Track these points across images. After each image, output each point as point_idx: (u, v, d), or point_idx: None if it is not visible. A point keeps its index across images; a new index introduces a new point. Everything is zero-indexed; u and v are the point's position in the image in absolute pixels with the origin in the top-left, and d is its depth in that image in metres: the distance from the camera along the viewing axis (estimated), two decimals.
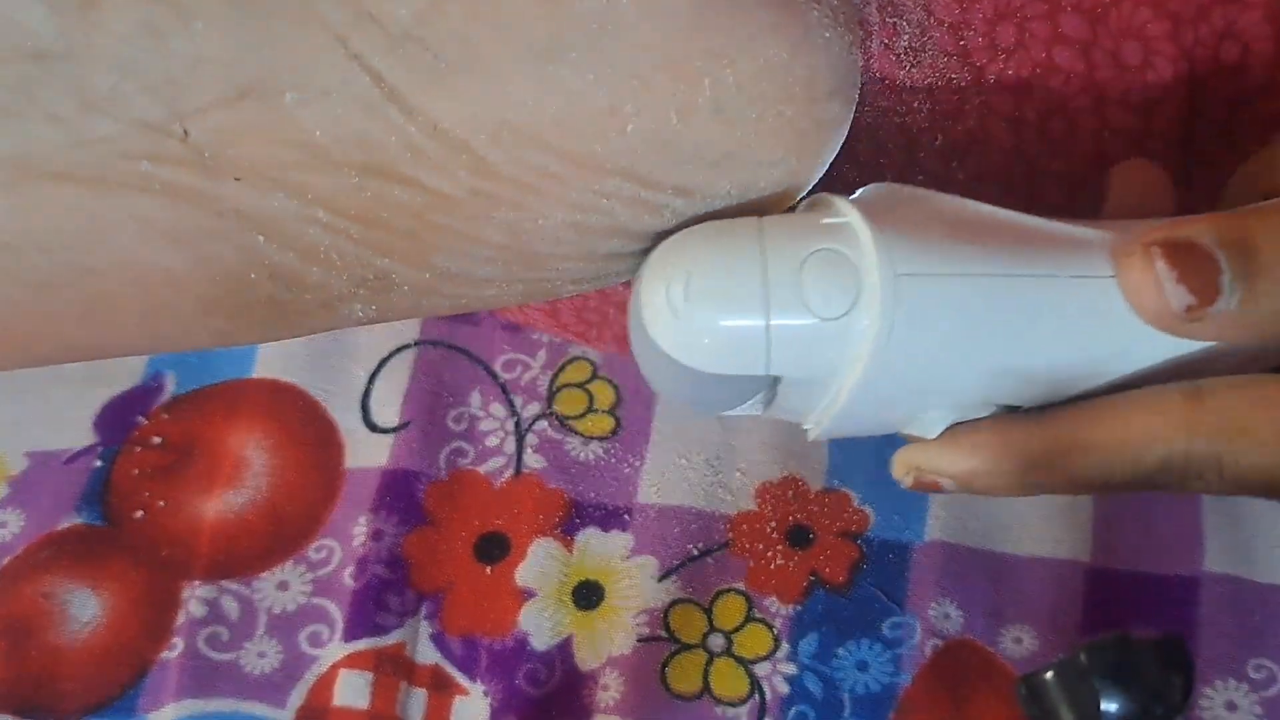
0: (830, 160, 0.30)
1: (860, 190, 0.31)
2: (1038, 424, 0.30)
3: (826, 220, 0.29)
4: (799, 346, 0.28)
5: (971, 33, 0.34)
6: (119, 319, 0.29)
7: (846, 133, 0.30)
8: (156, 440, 0.51)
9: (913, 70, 0.34)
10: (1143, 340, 0.29)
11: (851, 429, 0.32)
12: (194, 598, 0.47)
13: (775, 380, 0.30)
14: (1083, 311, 0.29)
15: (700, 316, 0.28)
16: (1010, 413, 0.31)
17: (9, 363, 0.31)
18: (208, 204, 0.28)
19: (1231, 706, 0.45)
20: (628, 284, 0.45)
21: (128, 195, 0.28)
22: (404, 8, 0.26)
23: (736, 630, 0.47)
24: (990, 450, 0.30)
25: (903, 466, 0.32)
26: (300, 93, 0.27)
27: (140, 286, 0.29)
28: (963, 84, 0.35)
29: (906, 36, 0.34)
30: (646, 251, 0.30)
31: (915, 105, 0.35)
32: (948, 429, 0.31)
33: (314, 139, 0.27)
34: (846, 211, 0.29)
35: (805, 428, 0.33)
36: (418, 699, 0.46)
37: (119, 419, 0.51)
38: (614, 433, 0.51)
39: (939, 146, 0.36)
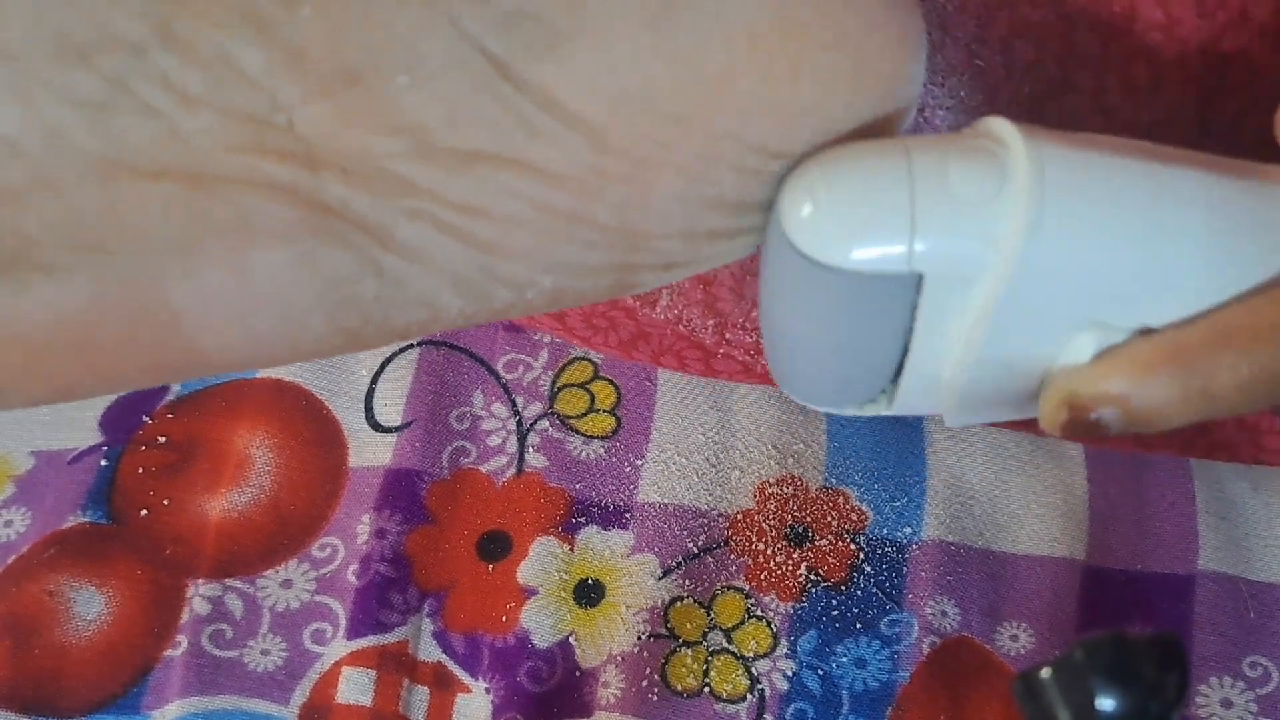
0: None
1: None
2: (1194, 326, 0.27)
3: (967, 131, 0.29)
4: (944, 229, 0.27)
5: (988, 50, 0.34)
6: (215, 325, 0.28)
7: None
8: (161, 439, 0.51)
9: (930, 87, 0.35)
10: None
11: (994, 375, 0.29)
12: (198, 596, 0.48)
13: (913, 314, 0.28)
14: (1240, 214, 0.27)
15: (842, 200, 0.27)
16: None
17: (90, 385, 0.29)
18: (310, 200, 0.27)
19: (1227, 704, 0.45)
20: None
21: (227, 191, 0.27)
22: None
23: (736, 628, 0.47)
24: (1150, 361, 0.27)
25: (1056, 399, 0.29)
26: (412, 75, 0.26)
27: (240, 288, 0.28)
28: (976, 101, 0.35)
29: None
30: (740, 231, 0.30)
31: (932, 123, 0.35)
32: (1099, 354, 0.28)
33: (423, 124, 0.27)
34: (985, 122, 0.28)
35: (946, 393, 0.30)
36: (420, 696, 0.46)
37: (124, 418, 0.52)
38: (615, 432, 0.51)
39: None
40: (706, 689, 0.46)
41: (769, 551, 0.48)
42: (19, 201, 0.26)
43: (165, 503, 0.50)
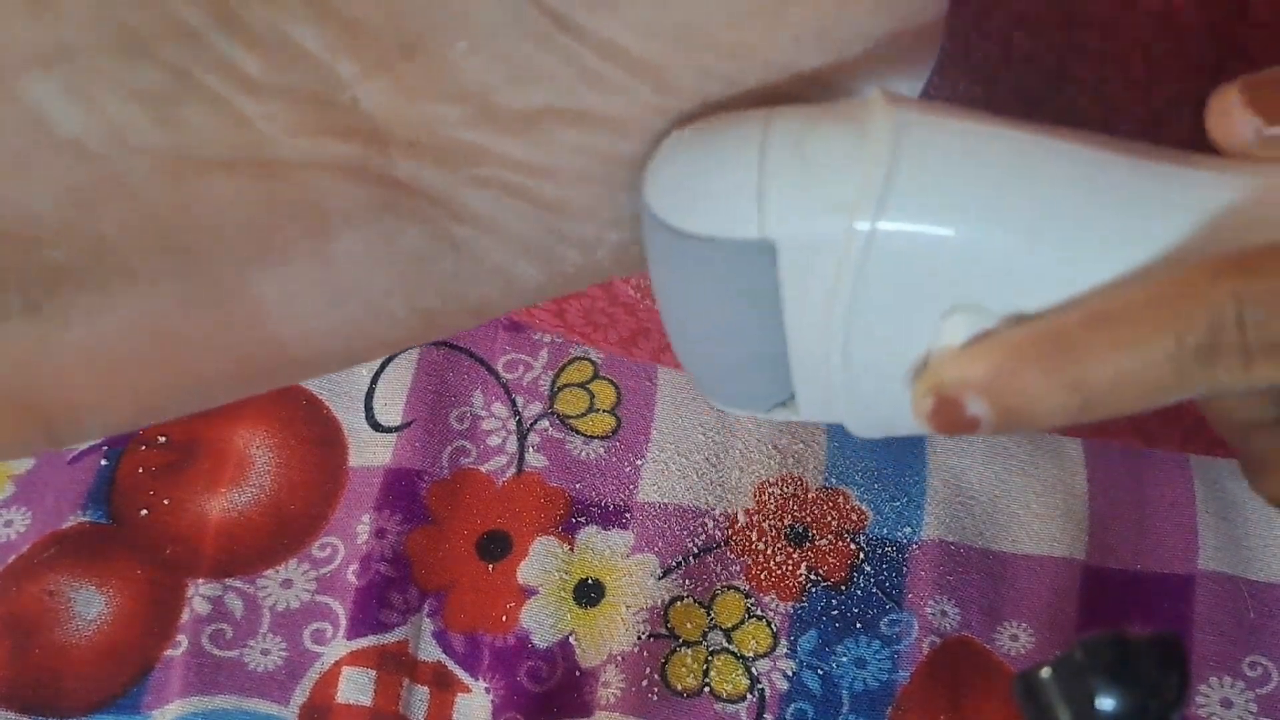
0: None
1: None
2: (1069, 311, 0.25)
3: (846, 101, 0.28)
4: (792, 191, 0.25)
5: (986, 41, 0.34)
6: (300, 319, 0.28)
7: None
8: (161, 439, 0.51)
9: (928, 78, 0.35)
10: (1182, 230, 0.25)
11: (872, 367, 0.28)
12: (198, 595, 0.48)
13: (779, 292, 0.27)
14: (1124, 192, 0.25)
15: (694, 162, 0.27)
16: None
17: (177, 399, 0.29)
18: (380, 176, 0.27)
19: (1227, 704, 0.45)
20: (636, 285, 0.45)
21: (298, 176, 0.26)
22: None
23: (736, 627, 0.47)
24: (1018, 346, 0.25)
25: (922, 386, 0.27)
26: (470, 38, 0.26)
27: (321, 275, 0.27)
28: (974, 93, 0.35)
29: None
30: None
31: None
32: (970, 340, 0.26)
33: (484, 88, 0.27)
34: (866, 94, 0.27)
35: (837, 394, 0.29)
36: (420, 696, 0.46)
37: None
38: (615, 432, 0.51)
39: None
40: (706, 689, 0.46)
41: (769, 551, 0.48)
42: (93, 205, 0.26)
43: (165, 502, 0.50)
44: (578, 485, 0.50)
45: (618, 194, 0.29)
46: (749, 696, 0.46)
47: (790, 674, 0.46)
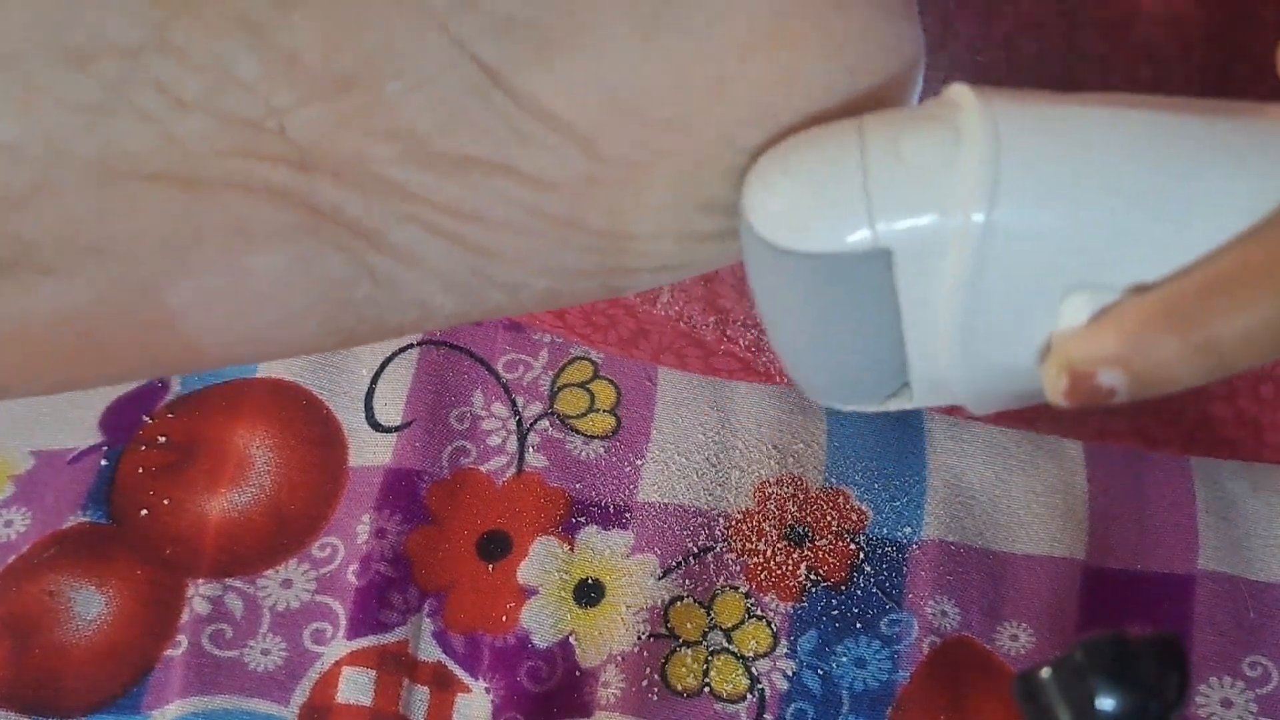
0: None
1: None
2: (1188, 277, 0.25)
3: (930, 100, 0.28)
4: (900, 200, 0.26)
5: (991, 47, 0.34)
6: (213, 325, 0.29)
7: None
8: (161, 439, 0.51)
9: (933, 85, 0.35)
10: None
11: (994, 352, 0.28)
12: (198, 595, 0.48)
13: (895, 298, 0.27)
14: (1226, 154, 0.26)
15: (797, 183, 0.27)
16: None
17: (92, 379, 0.30)
18: (304, 203, 0.27)
19: (1227, 704, 0.45)
20: None
21: (223, 195, 0.27)
22: None
23: (736, 628, 0.47)
24: (1144, 317, 0.25)
25: (1054, 366, 0.27)
26: (404, 81, 0.26)
27: (237, 289, 0.28)
28: None
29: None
30: (731, 233, 0.29)
31: None
32: (1095, 316, 0.26)
33: (415, 130, 0.27)
34: (947, 90, 0.28)
35: (956, 378, 0.29)
36: (420, 696, 0.46)
37: (124, 418, 0.52)
38: (615, 432, 0.51)
39: None
40: (706, 689, 0.46)
41: (769, 551, 0.48)
42: (19, 206, 0.27)
43: (165, 502, 0.50)
44: (578, 485, 0.50)
45: (546, 246, 0.29)
46: (749, 696, 0.46)
47: (790, 674, 0.46)
